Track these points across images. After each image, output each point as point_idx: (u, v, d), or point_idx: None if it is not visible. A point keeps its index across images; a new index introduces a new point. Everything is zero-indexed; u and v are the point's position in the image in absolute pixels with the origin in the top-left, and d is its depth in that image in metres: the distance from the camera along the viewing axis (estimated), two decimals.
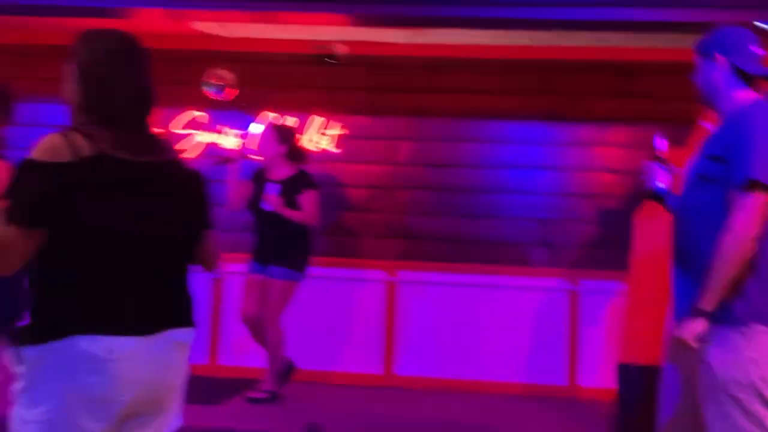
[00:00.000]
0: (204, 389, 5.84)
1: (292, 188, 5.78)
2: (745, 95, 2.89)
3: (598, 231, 6.71)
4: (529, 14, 5.59)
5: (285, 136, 5.99)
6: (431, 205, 6.91)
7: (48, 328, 2.30)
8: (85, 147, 2.29)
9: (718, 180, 2.78)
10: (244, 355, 6.46)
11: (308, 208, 5.78)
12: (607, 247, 6.46)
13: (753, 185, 2.66)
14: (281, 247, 5.81)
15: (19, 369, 2.32)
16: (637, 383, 4.73)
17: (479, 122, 6.91)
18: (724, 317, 2.71)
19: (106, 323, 2.32)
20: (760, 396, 2.65)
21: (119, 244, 2.38)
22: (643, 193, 3.17)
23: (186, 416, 2.57)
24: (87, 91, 2.40)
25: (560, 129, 6.81)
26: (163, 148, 2.52)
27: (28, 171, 2.26)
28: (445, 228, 6.86)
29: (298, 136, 6.38)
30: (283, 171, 5.88)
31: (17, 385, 2.33)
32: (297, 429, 4.94)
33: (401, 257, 6.85)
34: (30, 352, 2.29)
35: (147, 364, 2.37)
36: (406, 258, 6.85)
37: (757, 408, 2.65)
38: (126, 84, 2.43)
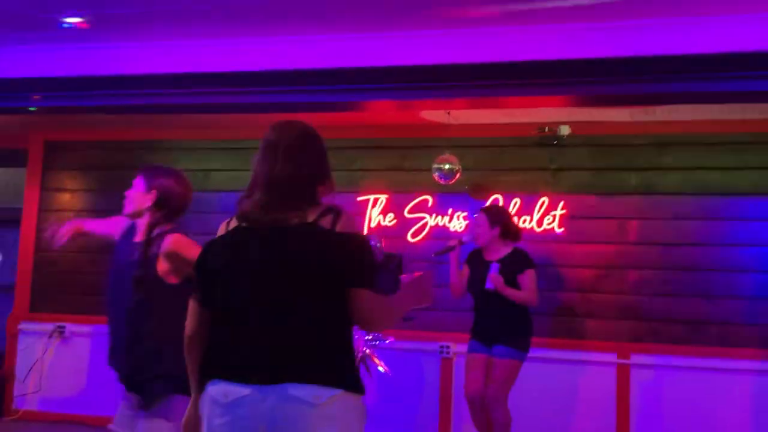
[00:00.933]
0: None
1: (510, 267, 5.86)
2: None
3: None
4: (760, 87, 5.39)
5: (497, 218, 6.06)
6: (661, 284, 6.76)
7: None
8: (233, 221, 2.67)
9: None
10: None
11: (527, 286, 5.84)
12: None
13: None
14: (505, 326, 5.86)
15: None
16: None
17: (710, 199, 6.75)
18: None
19: (224, 371, 2.52)
20: None
21: (233, 300, 2.58)
22: None
23: None
24: (256, 170, 2.70)
25: None
26: (294, 215, 2.56)
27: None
28: (678, 309, 6.69)
29: (510, 214, 6.47)
30: (498, 251, 5.98)
31: None
32: None
33: (631, 339, 6.73)
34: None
35: (260, 413, 2.43)
36: (636, 340, 6.72)
37: None
38: (279, 164, 2.63)
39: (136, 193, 4.17)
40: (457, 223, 7.14)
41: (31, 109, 6.79)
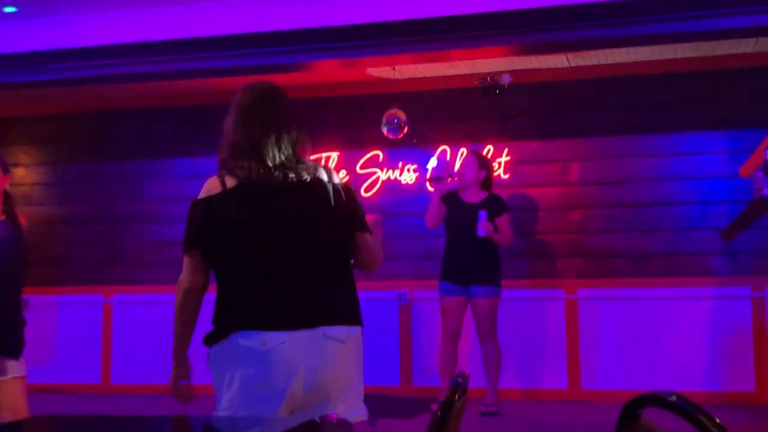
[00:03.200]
0: (397, 406, 6.34)
1: (491, 211, 6.09)
2: None
3: None
4: (689, 27, 5.56)
5: (483, 162, 6.32)
6: (603, 222, 6.96)
7: (217, 331, 2.65)
8: (230, 181, 2.68)
9: None
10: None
11: (506, 228, 6.11)
12: None
13: None
14: (480, 265, 6.07)
15: (210, 367, 2.69)
16: None
17: (647, 137, 6.95)
18: None
19: (258, 319, 2.57)
20: None
21: (263, 251, 2.64)
22: (760, 200, 3.29)
23: (382, 428, 2.63)
24: (238, 135, 2.76)
25: (732, 137, 6.76)
26: (306, 168, 2.74)
27: (192, 207, 2.73)
28: (621, 244, 6.90)
29: (493, 164, 6.69)
30: (477, 195, 6.20)
31: (213, 381, 2.68)
32: None
33: (579, 275, 6.96)
34: (211, 351, 2.65)
35: (301, 354, 2.56)
36: (582, 276, 6.95)
37: None
38: (268, 125, 2.75)
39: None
40: (408, 175, 7.33)
41: None
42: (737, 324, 6.62)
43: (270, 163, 2.69)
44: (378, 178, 7.45)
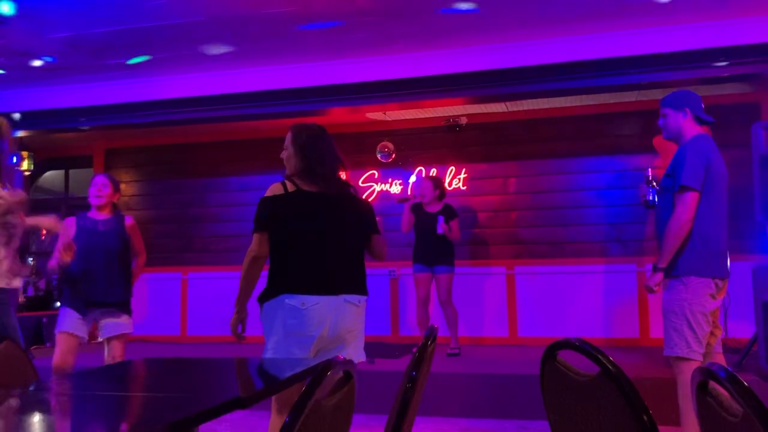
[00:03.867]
0: (389, 349, 6.35)
1: (446, 217, 6.04)
2: (692, 132, 3.04)
3: (652, 229, 6.63)
4: (589, 83, 5.64)
5: (437, 183, 6.23)
6: (532, 219, 7.00)
7: (270, 292, 2.65)
8: (290, 187, 2.71)
9: (670, 189, 2.99)
10: (415, 329, 6.73)
11: (456, 229, 6.07)
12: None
13: (682, 188, 2.90)
14: (441, 252, 6.03)
15: (262, 319, 2.70)
16: None
17: (562, 160, 6.96)
18: (671, 271, 2.94)
19: (301, 287, 2.59)
20: (687, 321, 2.90)
21: (309, 239, 2.65)
22: (644, 203, 3.36)
23: (380, 365, 2.58)
24: (299, 158, 2.79)
25: (621, 160, 6.78)
26: (341, 186, 2.79)
27: (261, 202, 2.73)
28: (545, 235, 6.94)
29: (443, 182, 6.61)
30: (436, 206, 6.13)
31: (264, 328, 2.69)
32: (451, 370, 5.28)
33: (514, 257, 6.99)
34: (264, 307, 2.67)
35: (328, 312, 2.59)
36: (517, 257, 6.99)
37: (684, 328, 2.90)
38: (318, 153, 2.77)
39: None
40: (396, 188, 7.32)
41: (83, 128, 6.90)
42: (626, 290, 6.66)
43: (318, 180, 2.72)
44: (374, 189, 7.44)
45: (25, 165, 7.89)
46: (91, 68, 6.06)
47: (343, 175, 2.88)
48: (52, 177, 8.91)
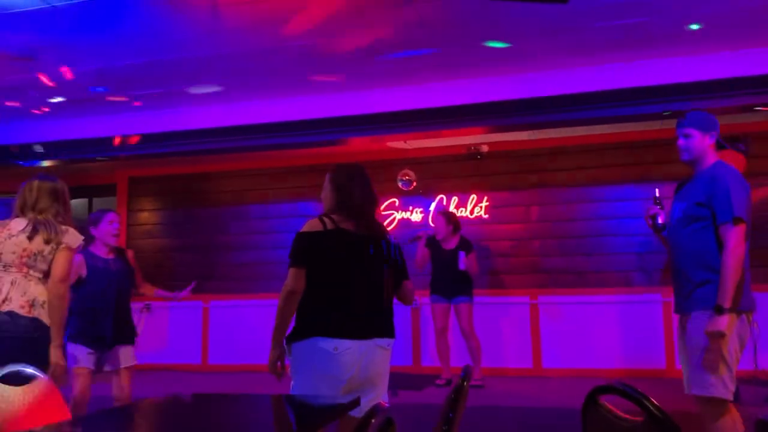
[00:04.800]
0: (411, 381, 6.30)
1: (462, 249, 6.05)
2: (714, 158, 2.96)
3: None
4: (611, 113, 5.61)
5: (450, 218, 6.18)
6: (555, 248, 6.95)
7: (301, 333, 2.61)
8: (329, 224, 2.67)
9: (705, 219, 2.85)
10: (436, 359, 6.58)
11: (473, 263, 6.06)
12: None
13: (737, 221, 2.76)
14: (459, 284, 6.01)
15: (290, 359, 2.66)
16: None
17: (585, 189, 6.92)
18: (702, 305, 2.79)
19: (334, 331, 2.56)
20: (723, 358, 2.77)
21: (343, 281, 2.62)
22: (652, 226, 3.18)
23: (402, 397, 2.52)
24: (337, 197, 2.76)
25: (644, 188, 6.67)
26: (378, 228, 2.78)
27: (299, 237, 2.68)
28: (569, 264, 6.87)
29: (457, 214, 6.60)
30: (452, 241, 6.10)
31: (291, 367, 2.65)
32: (475, 403, 5.20)
33: (537, 286, 6.91)
34: (294, 347, 2.62)
35: (359, 357, 2.57)
36: (541, 287, 6.90)
37: (720, 366, 2.76)
38: (356, 193, 2.75)
39: None
40: (416, 216, 7.31)
41: (106, 158, 6.99)
42: (651, 320, 6.55)
43: (356, 220, 2.70)
44: (395, 217, 7.44)
45: None
46: (116, 99, 6.15)
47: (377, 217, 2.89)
48: (75, 205, 8.99)
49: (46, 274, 3.04)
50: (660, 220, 3.14)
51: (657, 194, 3.29)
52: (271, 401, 2.41)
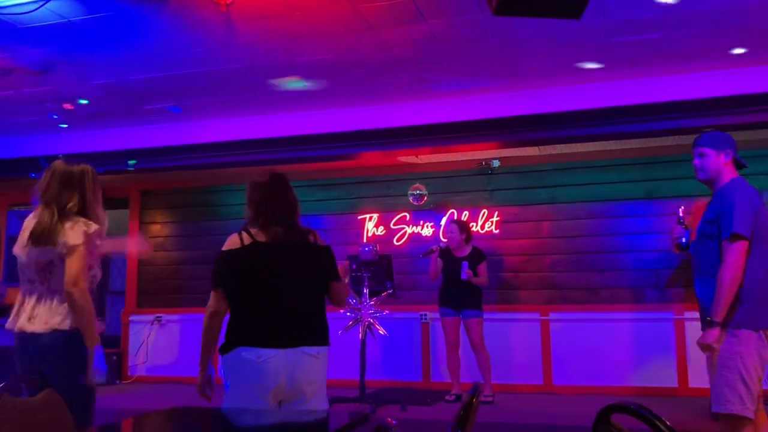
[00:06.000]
0: (421, 396, 6.26)
1: (473, 260, 6.05)
2: (731, 176, 2.98)
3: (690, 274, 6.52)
4: (620, 129, 5.58)
5: (464, 228, 6.24)
6: (566, 264, 6.92)
7: (227, 345, 2.63)
8: (246, 239, 2.68)
9: (714, 236, 2.90)
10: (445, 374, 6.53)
11: (483, 272, 6.07)
12: None
13: (734, 237, 2.80)
14: (468, 297, 6.00)
15: (222, 370, 2.67)
16: None
17: (596, 204, 6.89)
18: (726, 324, 2.81)
19: (256, 340, 2.57)
20: (740, 375, 2.78)
21: (262, 292, 2.62)
22: (677, 246, 3.24)
23: (411, 412, 2.36)
24: (250, 210, 2.78)
25: (656, 204, 6.69)
26: (296, 235, 2.72)
27: (217, 258, 2.69)
28: (580, 280, 6.84)
29: (470, 225, 6.64)
30: (464, 250, 6.14)
31: (223, 379, 2.66)
32: (485, 419, 5.15)
33: (548, 302, 6.88)
34: (222, 359, 2.64)
35: (284, 366, 2.55)
36: (551, 303, 6.87)
37: (737, 383, 2.78)
38: (269, 204, 2.74)
39: None
40: (427, 230, 7.30)
41: (130, 167, 6.99)
42: (663, 338, 6.49)
43: (270, 230, 2.69)
44: (406, 231, 7.44)
45: None
46: (127, 113, 6.21)
47: (299, 223, 2.82)
48: None
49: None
50: (683, 240, 3.18)
51: (681, 213, 3.31)
52: (282, 416, 2.39)
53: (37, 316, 2.75)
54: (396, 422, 1.49)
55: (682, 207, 3.42)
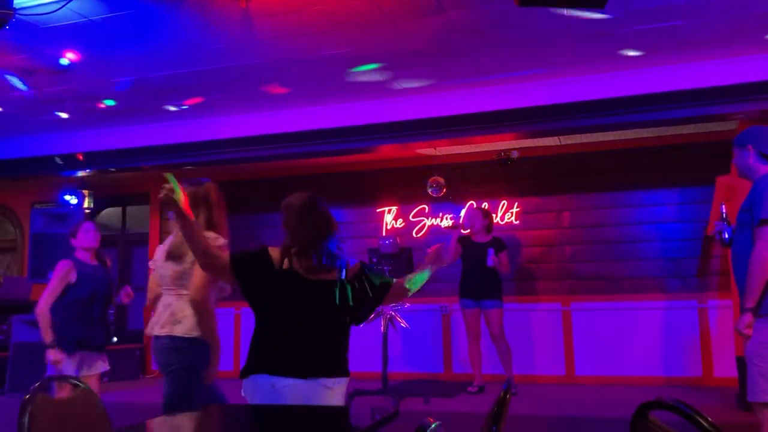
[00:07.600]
0: (443, 388, 6.26)
1: (495, 249, 6.01)
2: (763, 168, 2.98)
3: (714, 263, 6.49)
4: (642, 118, 5.48)
5: (486, 214, 6.25)
6: (588, 254, 6.88)
7: (246, 371, 2.54)
8: (285, 264, 2.54)
9: (747, 224, 2.91)
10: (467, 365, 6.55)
11: (506, 262, 6.04)
12: (726, 274, 6.18)
13: (763, 222, 2.81)
14: (488, 286, 5.97)
15: (243, 394, 2.56)
16: None
17: (617, 193, 6.85)
18: (758, 312, 2.81)
19: (271, 368, 2.48)
20: None
21: (283, 321, 2.53)
22: (720, 241, 3.26)
23: (434, 405, 2.34)
24: (287, 235, 2.60)
25: (679, 193, 6.64)
26: (329, 268, 2.57)
27: (261, 250, 2.57)
28: (602, 270, 6.80)
29: (492, 214, 6.63)
30: (484, 237, 6.13)
31: None
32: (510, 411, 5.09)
33: (570, 293, 6.86)
34: (243, 385, 2.54)
35: (298, 395, 2.46)
36: (573, 293, 6.84)
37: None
38: (303, 232, 2.58)
39: None
40: (446, 222, 7.29)
41: (143, 168, 7.05)
42: (687, 327, 6.44)
43: (305, 262, 2.56)
44: (425, 224, 7.44)
45: (85, 203, 8.12)
46: (150, 110, 6.24)
47: (335, 253, 2.64)
48: (110, 214, 9.15)
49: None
50: (726, 236, 3.20)
51: (724, 209, 3.32)
52: (302, 412, 2.38)
53: (161, 322, 3.14)
54: (440, 423, 1.47)
55: (724, 204, 3.43)
